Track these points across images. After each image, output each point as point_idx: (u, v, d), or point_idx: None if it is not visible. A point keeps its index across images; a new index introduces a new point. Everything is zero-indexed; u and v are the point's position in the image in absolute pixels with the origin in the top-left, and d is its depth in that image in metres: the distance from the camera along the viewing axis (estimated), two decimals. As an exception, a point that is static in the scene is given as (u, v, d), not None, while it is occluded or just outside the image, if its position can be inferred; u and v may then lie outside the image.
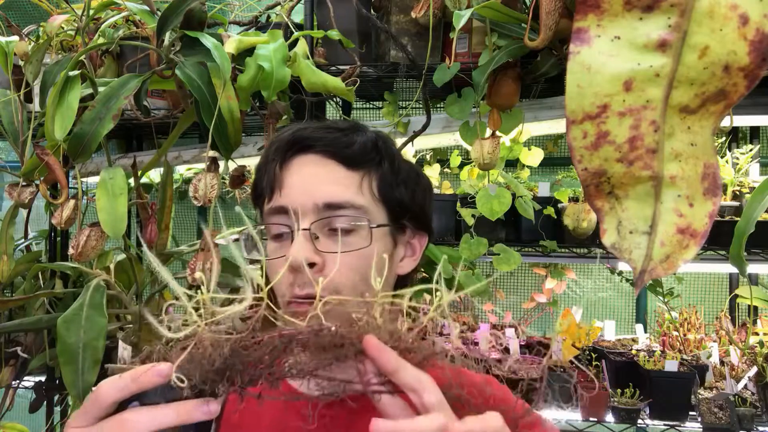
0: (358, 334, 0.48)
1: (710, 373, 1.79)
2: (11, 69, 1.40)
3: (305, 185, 0.72)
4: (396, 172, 0.76)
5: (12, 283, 1.65)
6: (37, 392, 1.75)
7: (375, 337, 0.48)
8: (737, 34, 0.33)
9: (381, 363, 0.47)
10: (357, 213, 0.71)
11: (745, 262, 1.00)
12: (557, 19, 1.17)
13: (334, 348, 0.47)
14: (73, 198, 1.17)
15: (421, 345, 0.49)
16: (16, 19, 1.84)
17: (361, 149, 0.74)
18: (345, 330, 0.48)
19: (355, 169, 0.73)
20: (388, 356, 0.47)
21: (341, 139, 0.74)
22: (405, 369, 0.47)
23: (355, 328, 0.48)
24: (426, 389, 0.47)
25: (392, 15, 1.47)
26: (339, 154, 0.73)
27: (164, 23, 1.10)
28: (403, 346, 0.48)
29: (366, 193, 0.73)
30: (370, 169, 0.74)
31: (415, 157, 2.25)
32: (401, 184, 0.76)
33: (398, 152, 0.79)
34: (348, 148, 0.73)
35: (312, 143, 0.73)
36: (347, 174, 0.73)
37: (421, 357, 0.48)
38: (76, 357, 1.04)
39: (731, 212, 1.72)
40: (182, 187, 2.55)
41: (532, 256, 1.93)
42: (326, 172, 0.72)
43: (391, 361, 0.47)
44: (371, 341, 0.48)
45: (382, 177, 0.74)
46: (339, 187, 0.72)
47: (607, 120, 0.36)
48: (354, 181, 0.73)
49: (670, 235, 0.36)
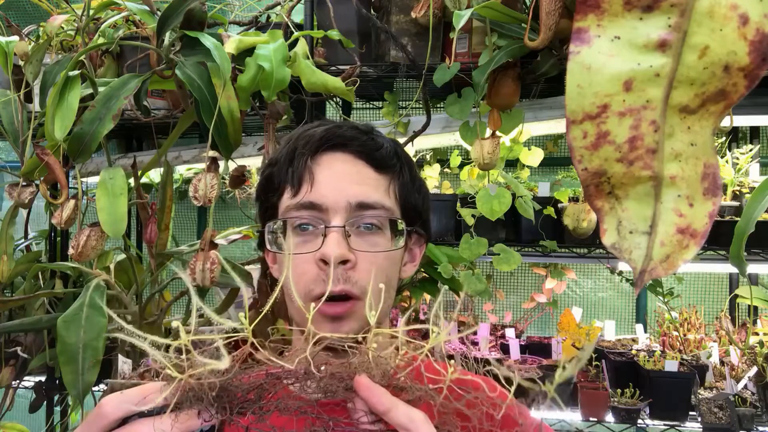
0: (348, 372, 0.47)
1: (710, 373, 1.79)
2: (11, 69, 1.40)
3: (337, 182, 0.72)
4: (413, 179, 0.79)
5: (12, 283, 1.65)
6: (37, 392, 1.75)
7: (366, 376, 0.47)
8: (737, 34, 0.33)
9: (372, 403, 0.47)
10: (386, 214, 0.73)
11: (745, 262, 1.00)
12: (557, 19, 1.17)
13: (324, 388, 0.47)
14: (73, 198, 1.17)
15: (413, 385, 0.48)
16: (16, 19, 1.84)
17: (387, 154, 0.76)
18: (336, 369, 0.47)
19: (383, 173, 0.75)
20: (379, 396, 0.47)
21: (370, 141, 0.76)
22: (397, 408, 0.47)
23: (346, 366, 0.47)
24: (419, 429, 0.47)
25: (392, 15, 1.47)
26: (369, 155, 0.75)
27: (164, 23, 1.09)
28: (395, 384, 0.47)
29: (391, 197, 0.75)
30: (394, 173, 0.76)
31: (415, 157, 2.25)
32: (417, 191, 0.79)
33: (412, 159, 0.82)
34: (377, 151, 0.75)
35: (345, 142, 0.75)
36: (376, 176, 0.75)
37: (413, 397, 0.47)
38: (76, 357, 1.04)
39: (731, 212, 1.72)
40: (182, 187, 2.55)
41: (532, 256, 1.93)
42: (357, 172, 0.74)
43: (382, 401, 0.47)
44: (362, 382, 0.47)
45: (404, 183, 0.77)
46: (369, 187, 0.73)
47: (607, 120, 0.36)
48: (382, 183, 0.75)
49: (670, 235, 0.36)
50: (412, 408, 0.47)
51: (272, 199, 0.77)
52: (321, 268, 0.69)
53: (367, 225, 0.72)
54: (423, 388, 0.47)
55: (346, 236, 0.70)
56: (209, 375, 0.45)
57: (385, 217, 0.73)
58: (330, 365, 0.47)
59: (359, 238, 0.71)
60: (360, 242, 0.71)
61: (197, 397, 0.46)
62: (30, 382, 1.76)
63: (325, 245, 0.69)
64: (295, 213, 0.73)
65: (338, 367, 0.47)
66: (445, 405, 0.47)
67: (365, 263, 0.70)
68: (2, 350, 1.61)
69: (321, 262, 0.69)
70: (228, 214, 2.93)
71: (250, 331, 0.47)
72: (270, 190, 0.77)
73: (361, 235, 0.72)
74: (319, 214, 0.71)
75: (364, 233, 0.72)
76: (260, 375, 0.47)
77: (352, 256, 0.69)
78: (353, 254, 0.70)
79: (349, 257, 0.69)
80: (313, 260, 0.70)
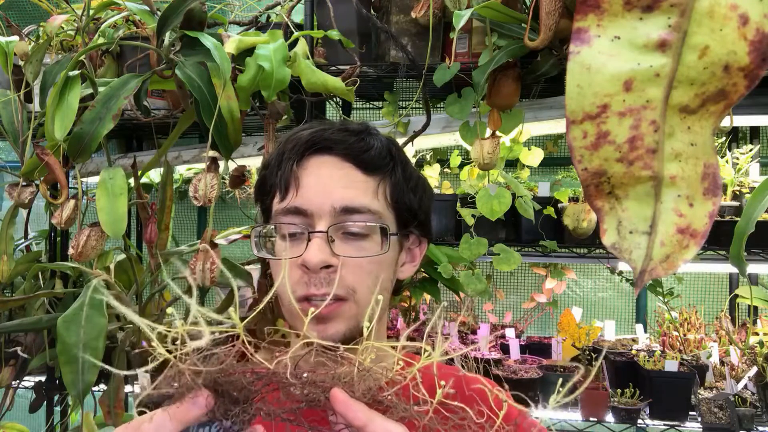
0: (331, 382, 0.46)
1: (710, 373, 1.79)
2: (11, 69, 1.40)
3: (322, 187, 0.72)
4: (408, 178, 0.77)
5: (12, 283, 1.65)
6: (37, 392, 1.75)
7: (343, 391, 0.46)
8: (737, 34, 0.33)
9: (349, 419, 0.46)
10: (372, 218, 0.72)
11: (745, 262, 1.00)
12: (557, 19, 1.17)
13: (305, 396, 0.46)
14: (73, 198, 1.17)
15: (398, 404, 0.47)
16: (16, 19, 1.84)
17: (378, 154, 0.74)
18: (318, 377, 0.46)
19: (372, 174, 0.74)
20: (355, 411, 0.46)
21: (358, 143, 0.74)
22: (373, 422, 0.46)
23: (329, 376, 0.46)
24: None
25: (392, 15, 1.47)
26: (357, 158, 0.73)
27: (164, 23, 1.09)
28: (379, 399, 0.47)
29: (380, 199, 0.74)
30: (385, 174, 0.75)
31: (415, 157, 2.25)
32: (411, 190, 0.77)
33: (408, 158, 0.80)
34: (365, 152, 0.74)
35: (331, 145, 0.73)
36: (364, 178, 0.73)
37: (396, 417, 0.47)
38: (76, 357, 1.04)
39: (731, 212, 1.72)
40: (182, 187, 2.55)
41: (532, 256, 1.93)
42: (343, 175, 0.73)
43: (359, 416, 0.46)
44: (338, 396, 0.46)
45: (396, 183, 0.75)
46: (356, 191, 0.72)
47: (607, 120, 0.36)
48: (370, 186, 0.73)
49: (670, 235, 0.36)
50: (389, 421, 0.47)
51: (267, 202, 0.77)
52: (304, 272, 0.69)
53: (353, 230, 0.71)
54: (408, 409, 0.47)
55: (330, 241, 0.70)
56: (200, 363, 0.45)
57: (371, 222, 0.71)
58: (314, 373, 0.46)
59: (345, 243, 0.71)
60: (345, 247, 0.70)
61: (189, 387, 0.45)
62: (30, 382, 1.76)
63: (307, 251, 0.69)
64: (282, 218, 0.73)
65: (321, 375, 0.46)
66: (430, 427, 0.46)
67: (351, 267, 0.70)
68: (2, 350, 1.61)
69: (304, 267, 0.69)
70: (228, 214, 2.93)
71: (242, 327, 0.46)
72: (264, 193, 0.78)
73: (346, 240, 0.71)
74: (304, 219, 0.71)
75: (350, 238, 0.71)
76: (243, 374, 0.46)
77: (335, 261, 0.69)
78: (336, 259, 0.69)
79: (332, 262, 0.68)
80: (297, 265, 0.70)
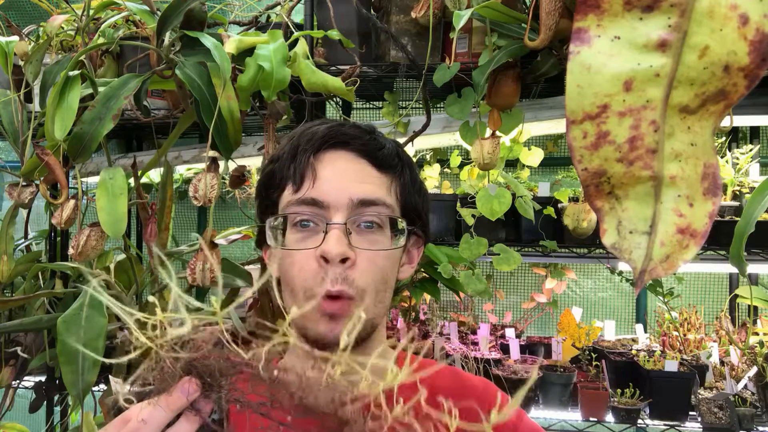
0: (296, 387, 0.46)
1: (710, 373, 1.79)
2: (11, 69, 1.40)
3: (339, 180, 0.73)
4: (413, 180, 0.79)
5: (12, 283, 1.65)
6: (37, 392, 1.75)
7: None
8: (737, 34, 0.33)
9: None
10: (388, 210, 0.73)
11: (745, 262, 1.00)
12: (557, 19, 1.17)
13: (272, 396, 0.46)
14: (73, 198, 1.17)
15: (358, 420, 0.46)
16: (16, 19, 1.84)
17: (389, 154, 0.77)
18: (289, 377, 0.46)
19: (384, 172, 0.76)
20: None
21: (372, 141, 0.76)
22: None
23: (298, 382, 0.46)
24: None
25: (392, 15, 1.47)
26: (371, 154, 0.75)
27: (164, 23, 1.09)
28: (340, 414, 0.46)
29: (393, 196, 0.76)
30: (396, 174, 0.77)
31: (415, 157, 2.25)
32: (417, 192, 0.79)
33: (412, 161, 0.82)
34: (380, 150, 0.76)
35: (348, 140, 0.75)
36: (378, 174, 0.75)
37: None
38: (76, 357, 1.04)
39: (731, 212, 1.72)
40: (182, 187, 2.55)
41: (532, 256, 1.93)
42: (360, 170, 0.74)
43: None
44: None
45: (404, 184, 0.77)
46: (372, 185, 0.74)
47: (607, 120, 0.36)
48: (384, 182, 0.75)
49: (670, 235, 0.36)
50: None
51: (272, 196, 0.77)
52: (321, 264, 0.69)
53: (367, 223, 0.72)
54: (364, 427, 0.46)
55: (347, 234, 0.70)
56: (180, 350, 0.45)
57: (386, 214, 0.73)
58: (285, 373, 0.46)
59: (359, 236, 0.72)
60: (360, 240, 0.71)
61: (172, 375, 0.45)
62: (30, 382, 1.76)
63: (326, 242, 0.69)
64: (295, 208, 0.73)
65: (291, 377, 0.46)
66: None
67: (364, 262, 0.70)
68: (2, 350, 1.61)
69: (321, 259, 0.69)
70: (228, 214, 2.93)
71: (221, 317, 0.46)
72: (271, 186, 0.77)
73: (361, 233, 0.72)
74: (320, 210, 0.71)
75: (365, 231, 0.72)
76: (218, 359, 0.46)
77: (352, 254, 0.69)
78: (353, 252, 0.70)
79: (350, 255, 0.69)
80: (313, 257, 0.70)
